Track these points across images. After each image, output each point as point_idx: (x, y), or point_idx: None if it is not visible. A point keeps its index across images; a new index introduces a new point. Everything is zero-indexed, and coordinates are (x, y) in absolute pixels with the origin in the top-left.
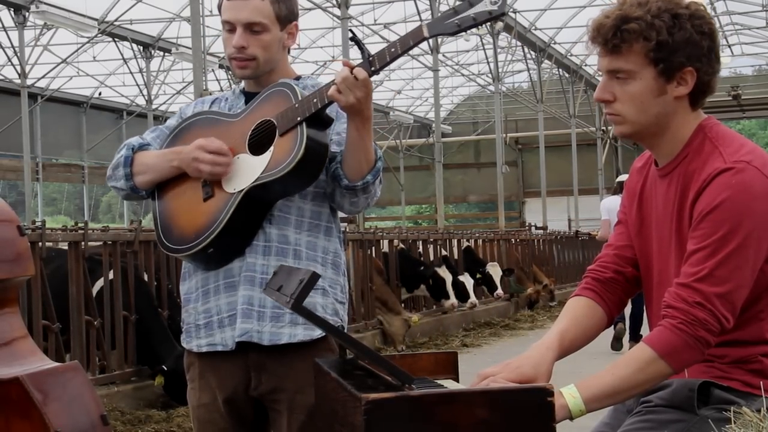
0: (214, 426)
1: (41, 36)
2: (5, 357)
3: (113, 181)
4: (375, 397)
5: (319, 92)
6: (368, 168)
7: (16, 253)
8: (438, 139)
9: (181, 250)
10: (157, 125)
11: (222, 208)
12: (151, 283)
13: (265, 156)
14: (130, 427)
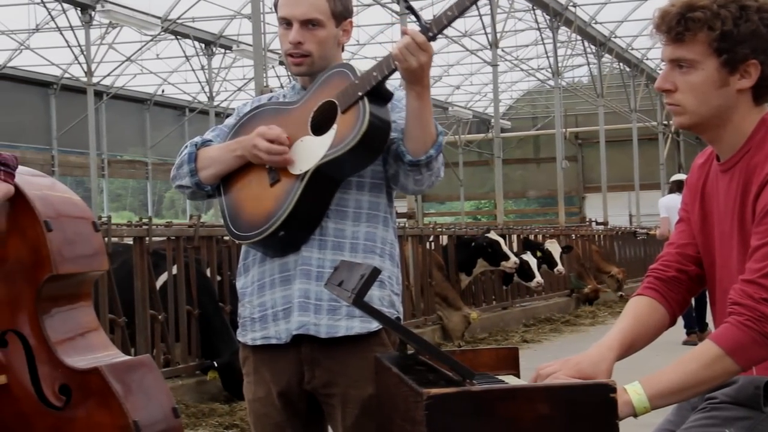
0: (269, 419)
1: (106, 35)
2: (81, 348)
3: (178, 180)
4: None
5: (378, 66)
6: (431, 142)
7: (92, 248)
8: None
9: (252, 236)
10: (220, 121)
11: (290, 190)
12: (213, 278)
13: (328, 134)
14: (195, 420)
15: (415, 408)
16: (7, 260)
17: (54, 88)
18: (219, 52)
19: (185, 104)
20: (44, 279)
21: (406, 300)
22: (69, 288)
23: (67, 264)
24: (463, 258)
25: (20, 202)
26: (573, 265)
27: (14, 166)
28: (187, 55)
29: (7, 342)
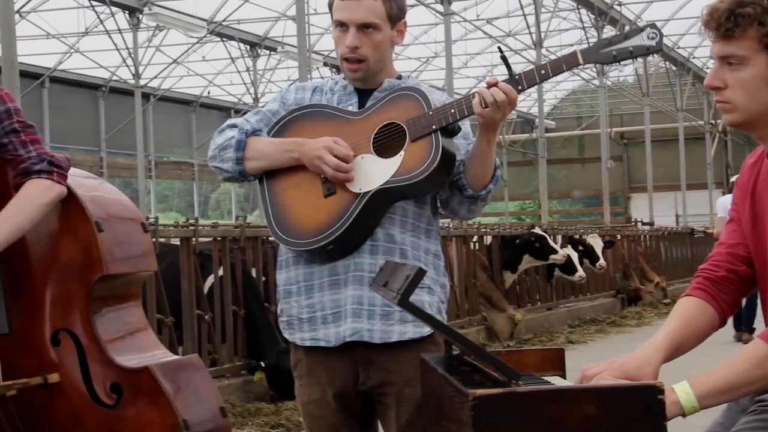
0: (325, 421)
1: (153, 37)
2: (131, 347)
3: (218, 162)
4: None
5: (457, 103)
6: (490, 177)
7: (141, 248)
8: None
9: (300, 245)
10: (255, 110)
11: (347, 207)
12: (258, 279)
13: (393, 160)
14: (241, 419)
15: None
16: (60, 260)
17: (103, 91)
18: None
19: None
20: (95, 279)
21: (450, 301)
22: (119, 288)
23: (118, 264)
24: (508, 255)
25: (72, 203)
26: (618, 265)
27: (67, 168)
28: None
29: (59, 341)
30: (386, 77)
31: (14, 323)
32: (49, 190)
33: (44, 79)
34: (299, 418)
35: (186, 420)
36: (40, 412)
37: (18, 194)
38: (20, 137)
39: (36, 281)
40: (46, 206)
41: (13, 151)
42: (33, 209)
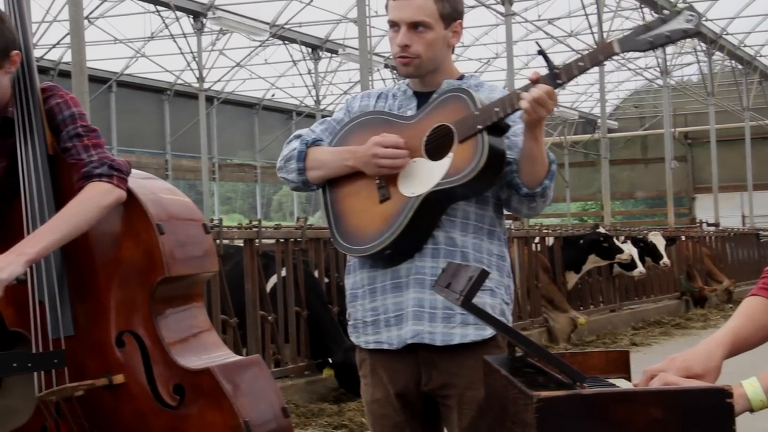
0: (388, 420)
1: (217, 41)
2: (194, 348)
3: (284, 173)
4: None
5: (501, 102)
6: (545, 173)
7: (203, 250)
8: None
9: (357, 251)
10: (321, 119)
11: (401, 211)
12: (321, 280)
13: (443, 162)
14: (304, 420)
15: (525, 411)
16: (123, 263)
17: (167, 94)
18: (325, 56)
19: (292, 108)
20: (157, 281)
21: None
22: (181, 289)
23: (179, 266)
24: (572, 255)
25: (134, 206)
26: (682, 266)
27: (127, 172)
28: (294, 59)
29: (124, 342)
30: (446, 78)
31: (80, 325)
32: (109, 194)
33: (111, 84)
34: (362, 418)
35: (247, 421)
36: (106, 413)
37: (77, 196)
38: (83, 141)
39: (100, 283)
40: (104, 209)
41: (76, 155)
42: (90, 211)
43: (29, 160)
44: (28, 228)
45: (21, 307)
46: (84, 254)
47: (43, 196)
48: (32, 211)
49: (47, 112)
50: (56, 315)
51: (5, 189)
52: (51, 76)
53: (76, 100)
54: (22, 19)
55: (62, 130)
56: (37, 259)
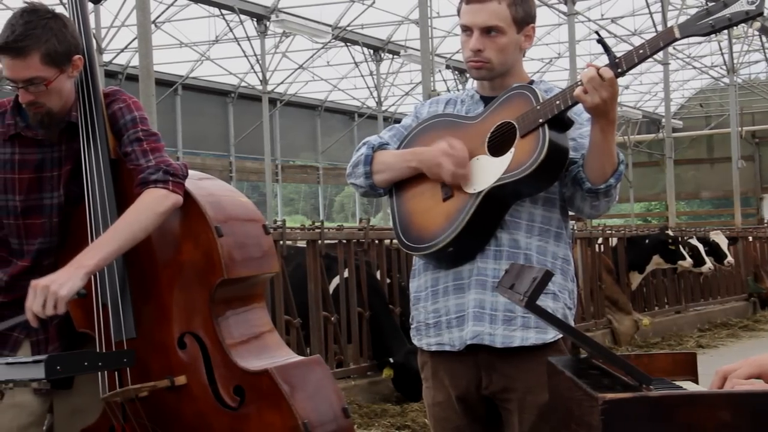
0: (449, 423)
1: (280, 43)
2: (255, 349)
3: (353, 179)
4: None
5: (562, 94)
6: (611, 171)
7: (263, 250)
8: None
9: (420, 249)
10: (388, 125)
11: (462, 209)
12: (383, 281)
13: (505, 157)
14: (367, 420)
15: (590, 413)
16: (183, 265)
17: (231, 97)
18: (387, 57)
19: (354, 109)
20: (216, 283)
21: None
22: (241, 291)
23: (238, 268)
24: (636, 255)
25: (192, 208)
26: (749, 268)
27: (183, 175)
28: (356, 61)
29: (186, 344)
30: (516, 82)
31: (142, 327)
32: (165, 200)
33: (177, 87)
34: (425, 419)
35: (306, 422)
36: (168, 413)
37: (134, 204)
38: (142, 146)
39: (162, 286)
40: (160, 215)
41: (135, 160)
42: (147, 219)
43: (92, 164)
44: (91, 230)
45: (87, 309)
46: (145, 257)
47: (106, 199)
48: (95, 213)
49: (110, 117)
50: (119, 318)
51: (71, 192)
52: (119, 80)
53: (139, 104)
54: (84, 23)
55: (123, 134)
56: (96, 270)
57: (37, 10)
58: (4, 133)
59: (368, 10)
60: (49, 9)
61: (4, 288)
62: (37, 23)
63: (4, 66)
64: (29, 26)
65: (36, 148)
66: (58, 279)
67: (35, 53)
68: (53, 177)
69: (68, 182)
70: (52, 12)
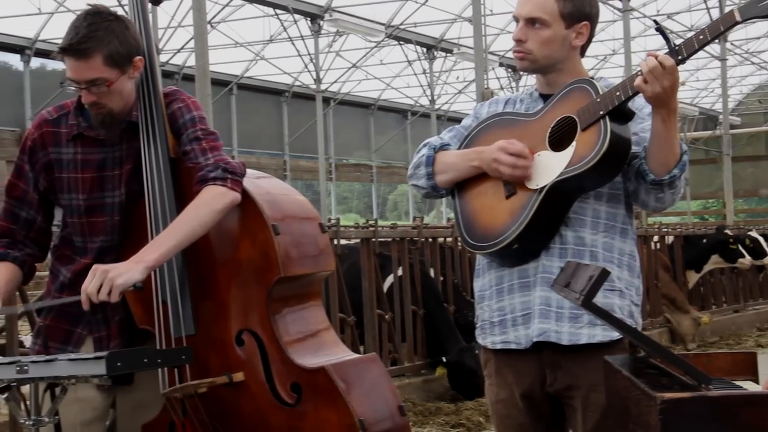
0: (512, 421)
1: (334, 42)
2: (311, 347)
3: (415, 180)
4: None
5: (621, 85)
6: (674, 162)
7: (319, 249)
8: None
9: (485, 247)
10: (441, 124)
11: (525, 205)
12: (437, 279)
13: (567, 152)
14: (421, 418)
15: (649, 413)
16: (241, 263)
17: (286, 96)
18: (440, 55)
19: (407, 108)
20: (273, 281)
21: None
22: (298, 288)
23: (295, 266)
24: (694, 254)
25: (249, 207)
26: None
27: (241, 173)
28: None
29: (243, 341)
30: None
31: (201, 324)
32: (223, 197)
33: (232, 86)
34: (479, 417)
35: (362, 420)
36: (227, 409)
37: (193, 201)
38: (201, 145)
39: (220, 283)
40: (219, 213)
41: (194, 158)
42: (206, 216)
43: (152, 163)
44: (152, 228)
45: (148, 306)
46: (204, 255)
47: (165, 197)
48: (155, 212)
49: (169, 116)
50: (178, 315)
51: (132, 191)
52: (176, 80)
53: (197, 104)
54: (146, 25)
55: (182, 133)
56: (156, 266)
57: (100, 12)
58: (68, 133)
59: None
60: (111, 11)
61: (68, 284)
62: (100, 25)
63: (68, 67)
64: (92, 28)
65: (98, 147)
66: (118, 267)
67: (97, 55)
68: (115, 176)
69: (129, 181)
70: (114, 14)
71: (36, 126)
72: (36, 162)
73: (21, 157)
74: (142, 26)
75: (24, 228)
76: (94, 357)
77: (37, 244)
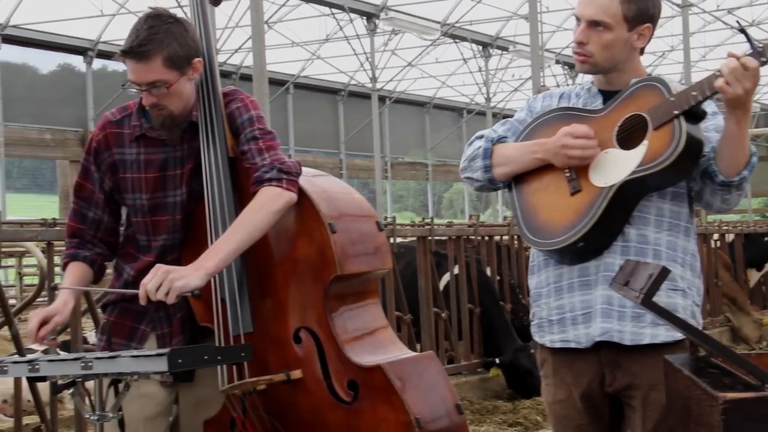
0: (570, 421)
1: (389, 41)
2: (369, 345)
3: (469, 173)
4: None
5: (698, 85)
6: (744, 162)
7: (376, 247)
8: None
9: (547, 244)
10: (497, 122)
11: (593, 203)
12: (493, 277)
13: (638, 150)
14: (478, 417)
15: (710, 413)
16: (298, 261)
17: (342, 95)
18: (496, 53)
19: (463, 106)
20: (330, 279)
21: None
22: (355, 287)
23: (351, 264)
24: (755, 252)
25: (306, 205)
26: None
27: (297, 173)
28: (465, 57)
29: (301, 339)
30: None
31: (259, 322)
32: (279, 198)
33: (289, 86)
34: (537, 416)
35: (418, 418)
36: (284, 406)
37: (250, 204)
38: (258, 144)
39: (278, 281)
40: (275, 214)
41: (251, 159)
42: (262, 218)
43: (212, 163)
44: (211, 227)
45: (208, 304)
46: (262, 253)
47: (224, 196)
48: (214, 210)
49: (228, 116)
50: (236, 312)
51: (193, 190)
52: (233, 80)
53: (256, 103)
54: (206, 27)
55: (240, 133)
56: (215, 272)
57: (160, 15)
58: (131, 134)
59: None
60: (171, 14)
61: (131, 282)
62: (159, 28)
63: (129, 69)
64: (152, 31)
65: (160, 147)
66: (180, 270)
67: (157, 57)
68: (176, 175)
69: (190, 180)
70: (174, 17)
71: (100, 127)
72: (101, 163)
73: (87, 158)
74: (202, 28)
75: (92, 228)
76: (156, 354)
77: (105, 243)
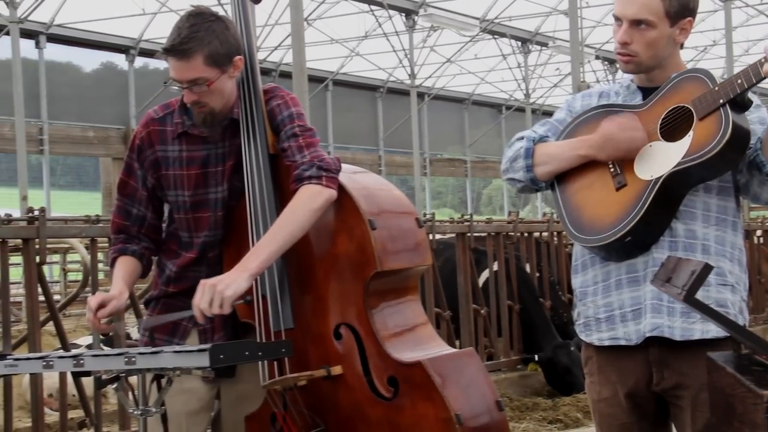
0: (615, 420)
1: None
2: (409, 342)
3: (511, 173)
4: None
5: (744, 72)
6: None
7: (416, 243)
8: None
9: (597, 240)
10: (536, 118)
11: (640, 196)
12: (532, 274)
13: (683, 141)
14: (518, 413)
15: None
16: (338, 257)
17: (380, 92)
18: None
19: (502, 102)
20: (370, 275)
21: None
22: (395, 283)
23: (391, 260)
24: None
25: (346, 201)
26: None
27: (336, 170)
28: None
29: (341, 335)
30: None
31: (300, 318)
32: (319, 196)
33: (328, 83)
34: (577, 413)
35: (458, 414)
36: (325, 402)
37: (291, 202)
38: (298, 141)
39: (318, 278)
40: (316, 212)
41: (291, 156)
42: (303, 217)
43: (253, 160)
44: (252, 224)
45: None
46: (302, 250)
47: (265, 193)
48: (255, 207)
49: (269, 113)
50: (277, 308)
51: (234, 186)
52: (273, 77)
53: (296, 100)
54: (246, 24)
55: (281, 130)
56: (259, 273)
57: (202, 13)
58: (173, 131)
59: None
60: (212, 12)
61: (174, 279)
62: (201, 26)
63: (170, 67)
64: (193, 29)
65: (201, 144)
66: (224, 279)
67: (198, 55)
68: (218, 172)
69: (231, 177)
70: (216, 15)
71: (143, 125)
72: (144, 160)
73: (130, 155)
74: (243, 26)
75: (136, 224)
76: (198, 349)
77: (149, 239)
